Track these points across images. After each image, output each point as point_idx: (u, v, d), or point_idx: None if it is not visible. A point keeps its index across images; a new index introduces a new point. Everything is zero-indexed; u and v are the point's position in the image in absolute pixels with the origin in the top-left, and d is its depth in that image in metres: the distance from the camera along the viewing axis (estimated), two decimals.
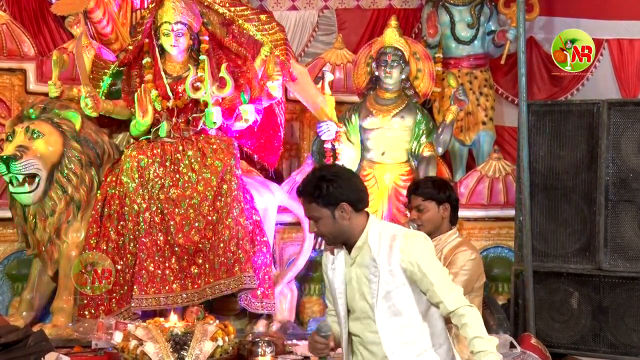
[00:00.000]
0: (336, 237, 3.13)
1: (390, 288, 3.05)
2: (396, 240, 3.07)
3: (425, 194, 4.09)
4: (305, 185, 3.12)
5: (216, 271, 5.24)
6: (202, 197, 5.35)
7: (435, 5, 6.83)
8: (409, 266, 3.04)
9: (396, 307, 3.07)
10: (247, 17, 5.81)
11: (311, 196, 3.08)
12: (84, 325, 5.10)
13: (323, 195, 3.06)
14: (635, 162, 5.30)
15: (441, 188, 4.14)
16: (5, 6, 6.65)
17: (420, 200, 4.09)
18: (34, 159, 5.29)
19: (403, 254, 3.04)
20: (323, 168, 3.27)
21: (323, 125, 5.89)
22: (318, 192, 3.06)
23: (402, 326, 3.07)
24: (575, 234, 5.42)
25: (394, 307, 3.06)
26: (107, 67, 5.82)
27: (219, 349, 4.32)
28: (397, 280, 3.06)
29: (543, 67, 6.99)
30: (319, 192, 3.06)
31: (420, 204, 4.09)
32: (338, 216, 3.06)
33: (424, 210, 4.08)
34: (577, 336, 5.42)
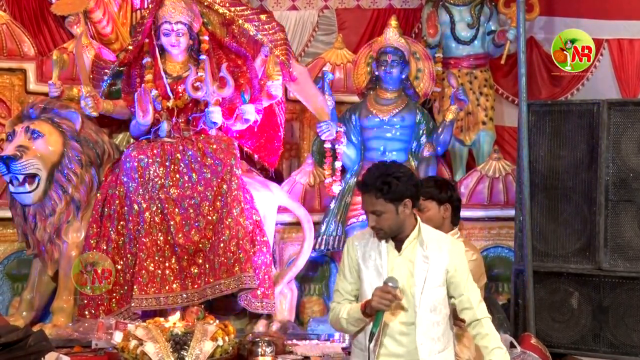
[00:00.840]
0: (393, 231, 3.30)
1: (434, 285, 3.27)
2: (444, 242, 3.35)
3: (426, 194, 4.09)
4: (373, 181, 3.25)
5: (216, 271, 5.25)
6: (202, 197, 5.35)
7: (435, 5, 6.83)
8: (452, 269, 3.29)
9: (434, 304, 3.27)
10: (247, 17, 5.81)
11: (379, 192, 3.23)
12: (84, 325, 5.10)
13: (391, 191, 3.21)
14: (635, 162, 5.30)
15: (442, 188, 4.13)
16: (5, 6, 6.65)
17: (421, 200, 4.08)
18: (34, 159, 5.30)
19: (450, 257, 3.29)
20: (388, 165, 3.35)
21: (323, 125, 5.89)
22: (387, 188, 3.22)
23: (434, 322, 3.28)
24: (575, 233, 5.42)
25: (432, 304, 3.27)
26: (107, 67, 5.82)
27: (219, 349, 4.32)
28: (440, 279, 3.28)
29: (543, 67, 6.98)
30: (388, 188, 3.22)
31: (420, 204, 4.08)
32: (400, 211, 3.25)
33: (425, 210, 4.07)
34: (577, 336, 5.42)
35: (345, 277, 3.40)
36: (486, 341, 3.31)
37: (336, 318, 3.38)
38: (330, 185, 5.95)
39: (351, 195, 5.99)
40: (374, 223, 3.26)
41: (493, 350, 3.29)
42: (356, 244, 3.39)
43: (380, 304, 3.18)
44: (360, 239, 3.41)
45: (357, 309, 3.28)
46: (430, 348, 3.26)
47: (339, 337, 5.32)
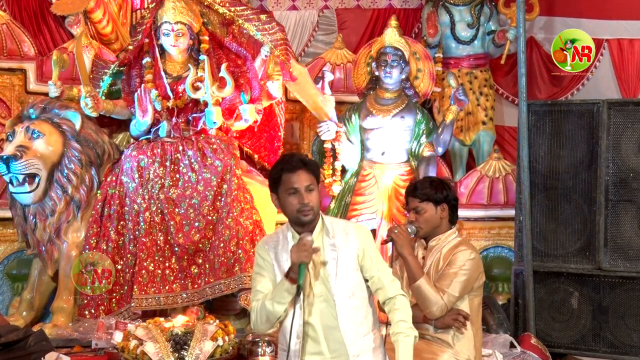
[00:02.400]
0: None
1: (347, 271, 3.37)
2: (349, 228, 3.47)
3: (422, 196, 4.09)
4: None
5: (216, 271, 5.25)
6: (202, 197, 5.35)
7: (435, 5, 6.83)
8: (361, 252, 3.37)
9: (351, 290, 3.37)
10: (247, 17, 5.81)
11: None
12: (84, 325, 5.11)
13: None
14: (635, 161, 5.30)
15: (438, 188, 4.12)
16: (5, 6, 6.65)
17: (417, 202, 4.09)
18: (34, 159, 5.30)
19: (358, 241, 3.40)
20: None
21: (323, 125, 5.89)
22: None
23: (354, 307, 3.36)
24: (575, 233, 5.43)
25: (349, 289, 3.37)
26: (107, 67, 5.82)
27: (219, 349, 4.32)
28: (352, 265, 3.40)
29: (543, 67, 6.99)
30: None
31: (417, 206, 4.08)
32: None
33: (422, 212, 4.07)
34: (577, 336, 5.43)
35: (263, 276, 3.43)
36: (393, 314, 3.38)
37: (259, 309, 3.36)
38: (330, 185, 5.96)
39: (351, 195, 5.99)
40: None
41: (398, 322, 3.36)
42: (266, 247, 3.46)
43: (300, 256, 3.24)
44: (269, 242, 3.48)
45: (280, 283, 3.32)
46: (354, 332, 3.33)
47: None
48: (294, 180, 3.38)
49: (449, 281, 3.93)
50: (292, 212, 3.39)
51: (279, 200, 3.43)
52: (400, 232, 4.00)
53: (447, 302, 3.90)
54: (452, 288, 3.92)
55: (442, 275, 3.97)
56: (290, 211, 3.40)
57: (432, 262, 4.07)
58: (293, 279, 3.26)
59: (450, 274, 3.95)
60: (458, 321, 3.92)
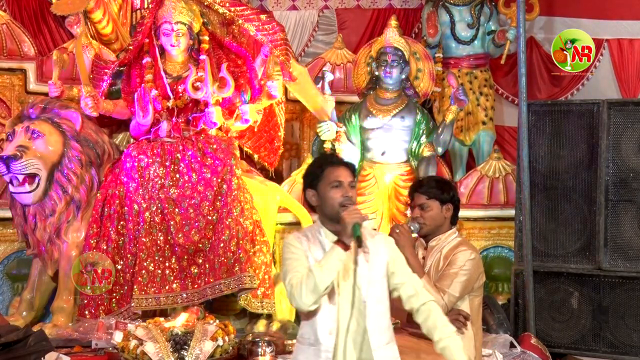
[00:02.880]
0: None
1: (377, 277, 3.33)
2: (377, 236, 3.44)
3: (429, 193, 4.08)
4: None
5: (216, 271, 5.24)
6: (202, 197, 5.35)
7: (435, 5, 6.83)
8: (391, 260, 3.37)
9: (378, 296, 3.33)
10: (247, 17, 5.80)
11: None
12: (84, 325, 5.10)
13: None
14: (635, 161, 5.31)
15: (445, 188, 4.13)
16: (6, 6, 6.65)
17: (424, 199, 4.08)
18: (34, 159, 5.29)
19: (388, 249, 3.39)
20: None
21: (323, 125, 5.89)
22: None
23: (380, 313, 3.32)
24: (575, 233, 5.43)
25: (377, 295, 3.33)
26: (107, 67, 5.82)
27: (219, 349, 4.32)
28: (381, 271, 3.34)
29: (543, 67, 7.00)
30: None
31: (423, 203, 4.07)
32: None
33: (427, 209, 4.06)
34: (577, 336, 5.43)
35: (299, 259, 3.28)
36: (434, 320, 3.32)
37: (304, 280, 3.17)
38: None
39: None
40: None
41: (442, 327, 3.31)
42: (298, 239, 3.36)
43: (354, 217, 3.17)
44: (299, 236, 3.39)
45: (329, 251, 3.20)
46: (379, 338, 3.28)
47: None
48: (338, 174, 3.31)
49: (449, 281, 3.93)
50: (333, 206, 3.27)
51: (318, 195, 3.32)
52: (402, 231, 4.00)
53: (448, 302, 3.90)
54: (452, 288, 3.92)
55: (443, 276, 3.97)
56: (331, 205, 3.28)
57: (432, 262, 4.07)
58: (346, 244, 3.17)
59: (451, 274, 3.95)
60: (458, 321, 3.92)
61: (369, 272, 3.29)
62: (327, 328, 3.24)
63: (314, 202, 3.35)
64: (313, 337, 3.27)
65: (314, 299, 3.16)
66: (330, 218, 3.31)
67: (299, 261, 3.27)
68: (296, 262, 3.26)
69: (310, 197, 3.36)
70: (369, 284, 3.28)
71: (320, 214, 3.37)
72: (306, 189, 3.38)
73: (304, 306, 3.17)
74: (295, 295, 3.18)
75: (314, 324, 3.27)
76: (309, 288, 3.15)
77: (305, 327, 3.33)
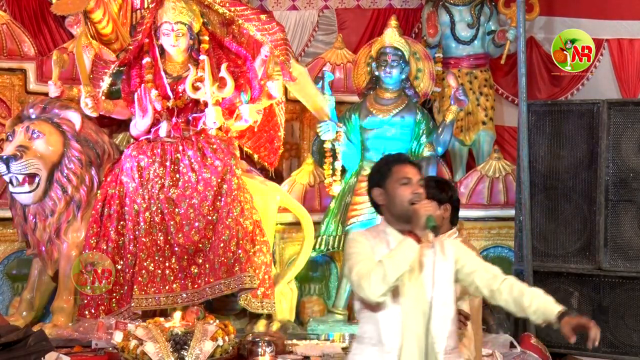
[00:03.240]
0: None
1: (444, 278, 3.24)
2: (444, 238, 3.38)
3: (427, 194, 4.07)
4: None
5: (216, 271, 5.24)
6: (202, 197, 5.35)
7: (435, 5, 6.83)
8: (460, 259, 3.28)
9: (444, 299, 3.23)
10: (247, 17, 5.80)
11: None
12: (84, 325, 5.10)
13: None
14: (635, 161, 5.31)
15: (443, 188, 4.11)
16: (6, 6, 6.65)
17: None
18: (34, 159, 5.29)
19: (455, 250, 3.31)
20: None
21: (323, 125, 5.89)
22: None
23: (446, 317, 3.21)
24: (575, 233, 5.43)
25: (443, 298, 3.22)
26: (107, 67, 5.82)
27: (219, 349, 4.32)
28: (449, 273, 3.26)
29: (543, 67, 6.99)
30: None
31: None
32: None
33: None
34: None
35: (367, 253, 3.15)
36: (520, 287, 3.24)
37: (375, 269, 3.04)
38: (330, 185, 5.96)
39: (351, 195, 5.99)
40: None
41: (532, 289, 3.25)
42: (364, 235, 3.26)
43: (427, 209, 3.09)
44: (365, 233, 3.30)
45: (400, 242, 3.09)
46: (444, 344, 3.16)
47: (339, 338, 5.32)
48: (406, 171, 3.22)
49: None
50: (403, 204, 3.17)
51: (386, 193, 3.21)
52: None
53: None
54: None
55: None
56: (400, 202, 3.17)
57: None
58: (418, 236, 3.07)
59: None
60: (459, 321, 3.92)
61: (435, 273, 3.18)
62: (393, 329, 3.11)
63: (380, 201, 3.24)
64: (376, 338, 3.14)
65: (384, 290, 3.03)
66: (398, 217, 3.20)
67: (365, 254, 3.15)
68: (363, 255, 3.15)
69: (377, 196, 3.25)
70: (435, 286, 3.17)
71: (386, 213, 3.26)
72: (372, 188, 3.27)
73: (372, 296, 3.03)
74: (363, 285, 3.05)
75: (378, 324, 3.14)
76: (379, 277, 3.02)
77: (367, 327, 3.19)
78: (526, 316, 3.21)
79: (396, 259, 3.05)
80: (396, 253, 3.07)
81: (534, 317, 3.17)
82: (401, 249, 3.08)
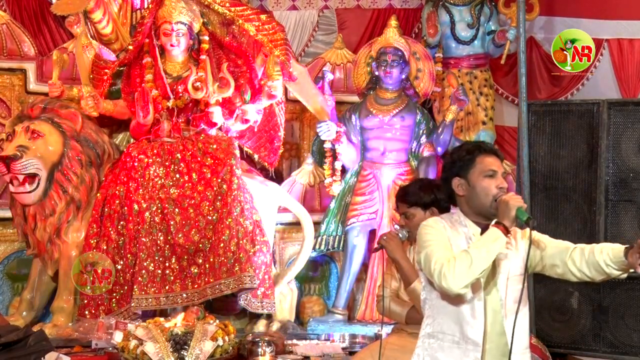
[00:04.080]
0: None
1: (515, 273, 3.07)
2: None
3: (410, 202, 4.01)
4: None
5: (216, 271, 5.24)
6: (202, 197, 5.35)
7: (435, 5, 6.82)
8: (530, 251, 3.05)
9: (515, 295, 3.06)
10: (247, 17, 5.81)
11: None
12: (84, 325, 5.10)
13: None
14: (635, 161, 5.30)
15: (426, 191, 4.02)
16: (6, 6, 6.65)
17: (406, 208, 3.99)
18: (34, 159, 5.30)
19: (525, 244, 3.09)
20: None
21: (323, 125, 5.89)
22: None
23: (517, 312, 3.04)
24: (575, 233, 5.42)
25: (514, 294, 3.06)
26: (107, 67, 5.82)
27: (219, 349, 4.32)
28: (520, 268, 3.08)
29: (543, 67, 6.98)
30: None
31: (406, 211, 3.99)
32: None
33: (411, 217, 3.97)
34: (577, 336, 5.42)
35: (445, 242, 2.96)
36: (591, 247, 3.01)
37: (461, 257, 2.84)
38: (330, 185, 5.96)
39: (351, 195, 5.99)
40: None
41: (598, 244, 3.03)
42: (442, 223, 3.04)
43: (517, 201, 2.92)
44: (440, 222, 3.05)
45: (489, 231, 2.89)
46: (518, 342, 2.98)
47: (339, 338, 5.33)
48: (492, 162, 3.08)
49: None
50: (486, 197, 3.00)
51: (468, 185, 3.03)
52: (389, 238, 3.94)
53: None
54: None
55: None
56: (484, 195, 3.00)
57: None
58: (507, 228, 2.88)
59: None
60: None
61: (509, 269, 3.02)
62: (478, 325, 2.94)
63: (460, 192, 3.04)
64: (459, 334, 2.96)
65: (469, 281, 2.83)
66: (477, 210, 3.02)
67: (444, 242, 2.95)
68: (442, 243, 2.94)
69: (457, 186, 3.04)
70: (509, 281, 3.01)
71: (464, 205, 3.06)
72: (452, 177, 3.06)
73: (455, 287, 2.81)
74: (447, 274, 2.81)
75: (462, 320, 2.96)
76: (464, 267, 2.82)
77: (446, 322, 3.00)
78: (602, 271, 2.99)
79: (483, 250, 2.85)
80: (483, 244, 2.87)
81: (610, 265, 2.96)
82: (489, 240, 2.88)
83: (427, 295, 3.07)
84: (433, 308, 3.05)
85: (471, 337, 2.93)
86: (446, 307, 2.99)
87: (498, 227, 2.89)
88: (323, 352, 4.92)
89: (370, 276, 5.86)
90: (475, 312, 2.95)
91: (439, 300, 3.00)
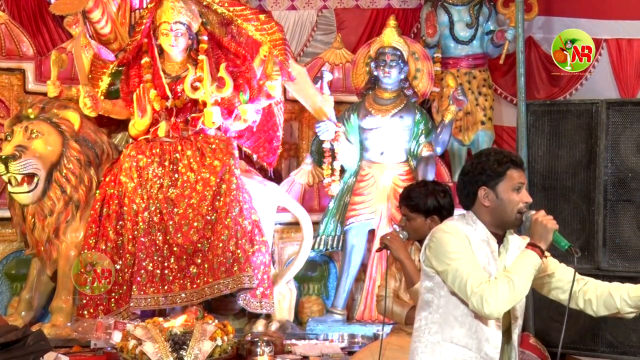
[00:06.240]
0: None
1: None
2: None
3: (412, 206, 4.01)
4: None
5: (215, 271, 5.24)
6: (201, 197, 5.35)
7: (434, 5, 6.83)
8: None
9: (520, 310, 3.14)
10: (246, 16, 5.81)
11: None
12: (83, 325, 5.10)
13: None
14: (634, 161, 5.31)
15: (430, 198, 4.00)
16: (4, 6, 6.64)
17: (408, 211, 4.01)
18: (33, 159, 5.29)
19: None
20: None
21: (322, 125, 5.89)
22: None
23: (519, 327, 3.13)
24: (574, 233, 5.42)
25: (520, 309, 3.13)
26: (106, 67, 5.82)
27: (218, 349, 4.32)
28: None
29: (542, 67, 6.98)
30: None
31: (407, 214, 4.00)
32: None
33: (411, 220, 3.98)
34: (576, 336, 5.42)
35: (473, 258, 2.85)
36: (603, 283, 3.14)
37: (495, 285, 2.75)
38: (329, 185, 5.96)
39: (350, 195, 5.99)
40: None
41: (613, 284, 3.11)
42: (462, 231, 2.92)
43: (553, 223, 2.95)
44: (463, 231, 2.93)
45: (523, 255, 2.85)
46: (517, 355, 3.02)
47: (338, 337, 5.33)
48: (520, 175, 3.02)
49: None
50: (512, 211, 2.97)
51: (495, 196, 2.96)
52: (392, 237, 3.94)
53: None
54: None
55: None
56: (510, 209, 2.96)
57: None
58: (543, 251, 2.88)
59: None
60: None
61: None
62: (495, 342, 2.90)
63: (486, 203, 2.95)
64: (475, 346, 2.87)
65: (509, 308, 2.82)
66: (500, 222, 2.97)
67: (472, 258, 2.84)
68: (471, 260, 2.84)
69: (483, 196, 2.94)
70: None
71: (486, 215, 2.97)
72: (478, 186, 2.95)
73: (496, 313, 2.76)
74: (489, 300, 2.73)
75: (480, 333, 2.88)
76: (506, 293, 2.76)
77: (461, 331, 2.89)
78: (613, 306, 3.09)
79: (523, 276, 2.81)
80: (524, 269, 2.82)
81: (625, 301, 3.02)
82: (529, 266, 2.85)
83: (435, 301, 2.94)
84: (443, 315, 2.92)
85: (489, 353, 2.88)
86: (464, 318, 2.89)
87: (534, 250, 2.88)
88: (322, 352, 4.92)
89: (369, 276, 5.86)
90: (495, 329, 2.89)
91: (456, 309, 2.89)
